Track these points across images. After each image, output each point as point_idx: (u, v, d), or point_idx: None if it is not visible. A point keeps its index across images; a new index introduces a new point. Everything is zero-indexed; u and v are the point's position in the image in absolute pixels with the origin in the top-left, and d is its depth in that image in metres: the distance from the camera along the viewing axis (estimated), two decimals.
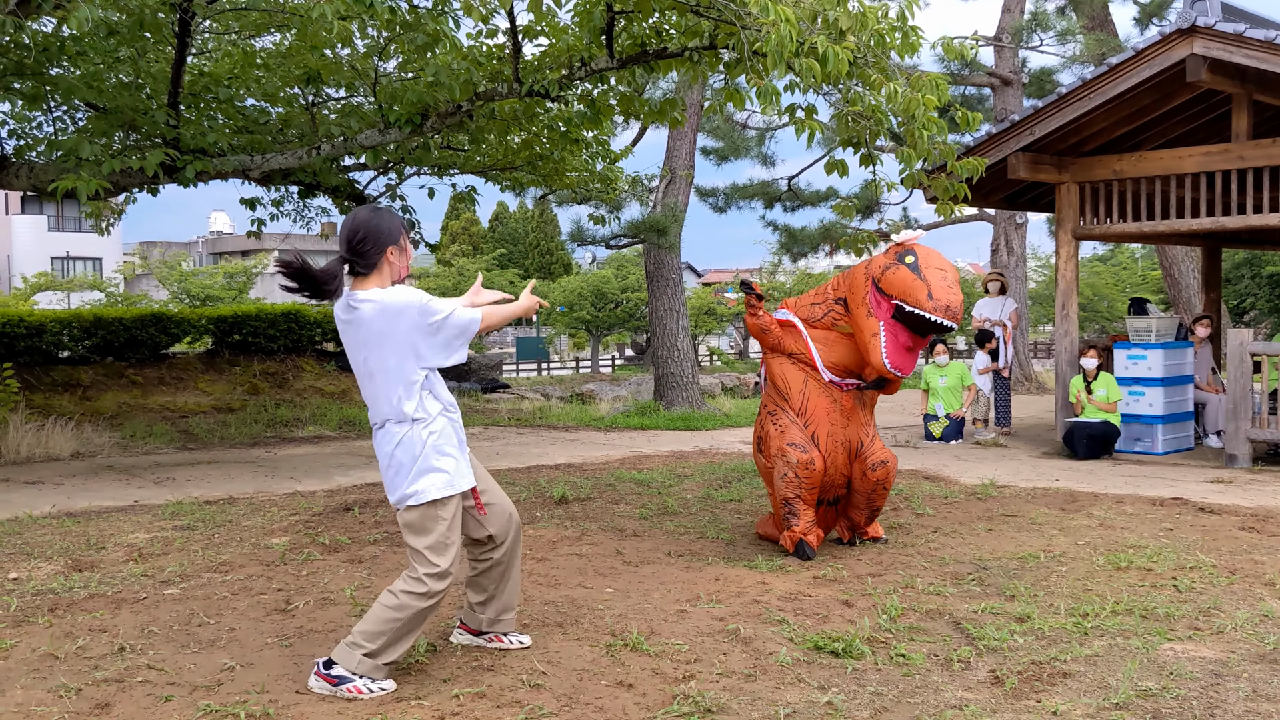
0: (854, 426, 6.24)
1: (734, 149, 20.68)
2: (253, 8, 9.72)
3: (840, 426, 6.20)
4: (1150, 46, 9.56)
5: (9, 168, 9.68)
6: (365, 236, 4.05)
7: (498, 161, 11.50)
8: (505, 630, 4.51)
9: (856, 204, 17.38)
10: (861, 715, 3.80)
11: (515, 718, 3.77)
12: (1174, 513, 7.49)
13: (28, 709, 3.85)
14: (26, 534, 6.77)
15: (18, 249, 50.06)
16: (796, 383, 6.23)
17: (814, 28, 6.52)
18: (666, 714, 3.81)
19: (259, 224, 11.78)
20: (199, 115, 10.25)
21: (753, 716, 3.78)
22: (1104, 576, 5.70)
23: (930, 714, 3.81)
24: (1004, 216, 19.30)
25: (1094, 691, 4.03)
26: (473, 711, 3.82)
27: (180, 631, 4.75)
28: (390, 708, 3.85)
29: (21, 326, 13.80)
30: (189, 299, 28.20)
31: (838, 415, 6.19)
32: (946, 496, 8.13)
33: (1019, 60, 19.44)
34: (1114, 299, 32.50)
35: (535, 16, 8.43)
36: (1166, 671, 4.22)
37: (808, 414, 6.19)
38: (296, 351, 16.29)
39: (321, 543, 6.50)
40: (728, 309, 34.86)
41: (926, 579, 5.65)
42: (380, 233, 4.07)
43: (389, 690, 4.00)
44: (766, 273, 36.77)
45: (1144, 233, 11.07)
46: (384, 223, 4.10)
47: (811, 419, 6.18)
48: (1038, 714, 3.82)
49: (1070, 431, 10.44)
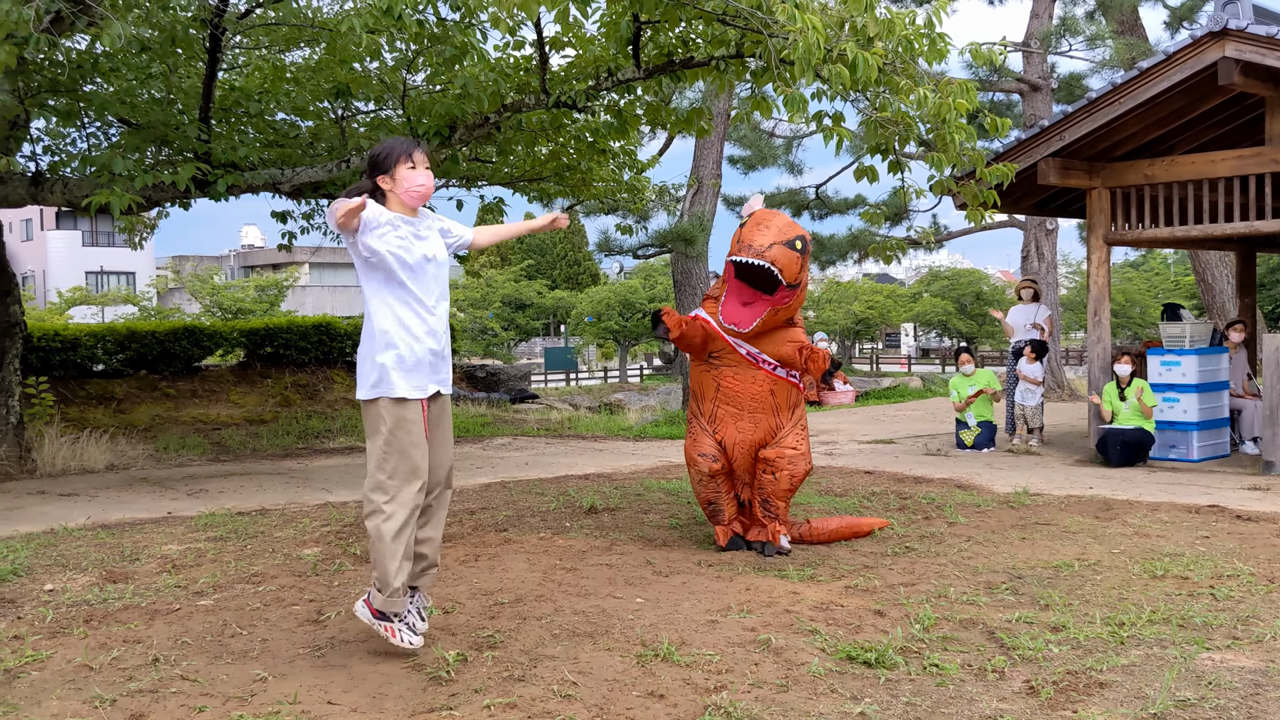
0: (762, 431, 6.47)
1: (761, 157, 20.66)
2: (283, 23, 9.80)
3: (748, 432, 6.46)
4: (1181, 50, 9.48)
5: (44, 183, 9.80)
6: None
7: (525, 172, 11.53)
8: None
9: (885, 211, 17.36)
10: None
11: None
12: (1210, 520, 7.40)
13: (63, 719, 3.88)
14: (62, 546, 6.83)
15: (53, 264, 50.71)
16: (709, 390, 6.55)
17: (841, 34, 6.50)
18: None
19: (290, 237, 11.86)
20: (230, 130, 10.35)
21: None
22: (1140, 585, 5.64)
23: None
24: (1034, 223, 19.17)
25: (1131, 702, 3.98)
26: None
27: (213, 642, 4.77)
28: (422, 718, 3.85)
29: (57, 340, 13.97)
30: (221, 312, 28.46)
31: (745, 420, 6.45)
32: (979, 505, 8.07)
33: (1048, 65, 19.32)
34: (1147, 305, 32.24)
35: (562, 28, 8.45)
36: (1205, 681, 4.16)
37: (716, 420, 6.53)
38: (327, 363, 16.40)
39: (353, 553, 6.52)
40: None
41: (960, 588, 5.60)
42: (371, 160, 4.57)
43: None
44: None
45: (1177, 237, 10.97)
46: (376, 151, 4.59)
47: (719, 424, 6.51)
48: None
49: (1104, 438, 10.34)
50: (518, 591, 5.56)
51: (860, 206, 20.69)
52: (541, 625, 4.96)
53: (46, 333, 14.06)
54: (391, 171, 4.47)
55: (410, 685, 4.20)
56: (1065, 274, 34.00)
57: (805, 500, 8.22)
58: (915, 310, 35.42)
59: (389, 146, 4.52)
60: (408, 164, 4.48)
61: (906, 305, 35.73)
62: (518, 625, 4.96)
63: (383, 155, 4.49)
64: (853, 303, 33.96)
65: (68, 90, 9.58)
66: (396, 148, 4.50)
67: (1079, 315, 31.47)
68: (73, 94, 9.73)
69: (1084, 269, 28.07)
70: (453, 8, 7.91)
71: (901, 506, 8.04)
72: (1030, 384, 11.98)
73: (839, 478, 9.54)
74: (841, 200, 21.16)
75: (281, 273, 35.20)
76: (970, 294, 35.23)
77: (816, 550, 6.56)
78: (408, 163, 4.48)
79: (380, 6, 6.84)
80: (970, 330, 35.20)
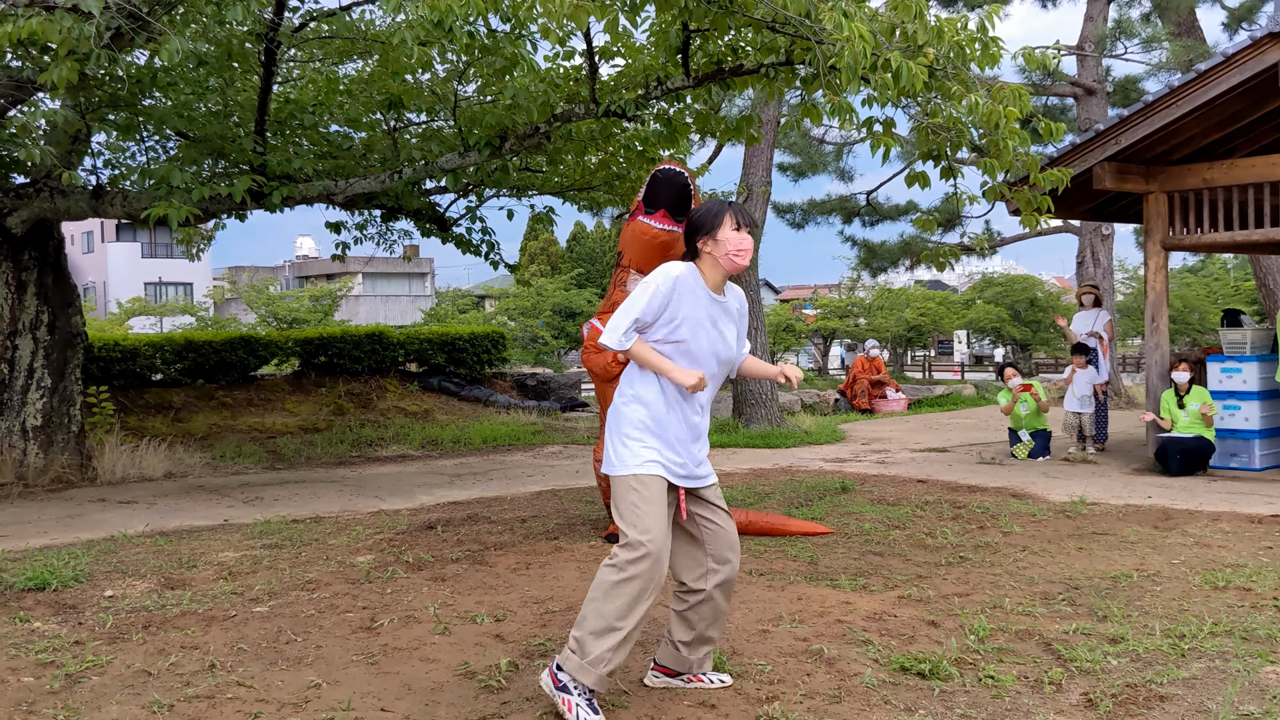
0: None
1: (811, 164, 20.59)
2: (336, 36, 9.93)
3: None
4: (1240, 52, 9.32)
5: (104, 196, 9.99)
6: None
7: (575, 182, 11.58)
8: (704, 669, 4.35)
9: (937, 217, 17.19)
10: None
11: None
12: (1274, 530, 7.24)
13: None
14: (121, 552, 6.95)
15: (113, 275, 51.67)
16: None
17: (891, 42, 6.46)
18: None
19: (343, 247, 12.00)
20: (285, 142, 10.50)
21: None
22: (1201, 596, 5.53)
23: None
24: (1089, 228, 18.91)
25: (1193, 715, 3.90)
26: None
27: (269, 649, 4.83)
28: None
29: (117, 350, 14.23)
30: (276, 322, 28.81)
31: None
32: (1034, 514, 7.96)
33: (1103, 69, 19.07)
34: (1206, 311, 31.63)
35: (611, 37, 8.48)
36: (1269, 695, 4.07)
37: None
38: (380, 372, 16.55)
39: (406, 561, 6.57)
40: (806, 325, 34.60)
41: (1015, 599, 5.53)
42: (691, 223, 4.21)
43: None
44: (845, 288, 36.42)
45: (1236, 242, 10.76)
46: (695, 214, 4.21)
47: None
48: None
49: (1163, 447, 10.16)
50: (569, 600, 5.57)
51: (912, 213, 20.55)
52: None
53: (107, 343, 14.32)
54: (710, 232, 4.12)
55: (462, 693, 4.22)
56: (1121, 279, 33.49)
57: (857, 509, 8.16)
58: (968, 317, 35.02)
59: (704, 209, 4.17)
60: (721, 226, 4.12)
61: (959, 312, 35.33)
62: (569, 633, 4.96)
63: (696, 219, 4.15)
64: (904, 310, 33.64)
65: (127, 105, 9.76)
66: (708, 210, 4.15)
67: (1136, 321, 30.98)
68: (132, 108, 9.91)
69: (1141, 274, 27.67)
70: (503, 19, 7.96)
71: (955, 516, 7.96)
72: (1084, 392, 11.83)
73: (891, 486, 9.46)
74: (893, 207, 21.03)
75: (335, 282, 35.56)
76: (1024, 300, 34.77)
77: (869, 559, 6.51)
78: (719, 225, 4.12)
79: (431, 19, 6.89)
80: (1024, 337, 34.75)
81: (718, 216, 4.10)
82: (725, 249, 4.08)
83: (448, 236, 12.21)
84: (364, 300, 52.30)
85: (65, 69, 7.05)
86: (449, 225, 12.19)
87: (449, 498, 9.26)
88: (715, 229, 4.09)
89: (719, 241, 4.08)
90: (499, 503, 8.88)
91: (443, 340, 17.39)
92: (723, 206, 4.13)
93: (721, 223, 4.09)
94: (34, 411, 10.41)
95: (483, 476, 10.77)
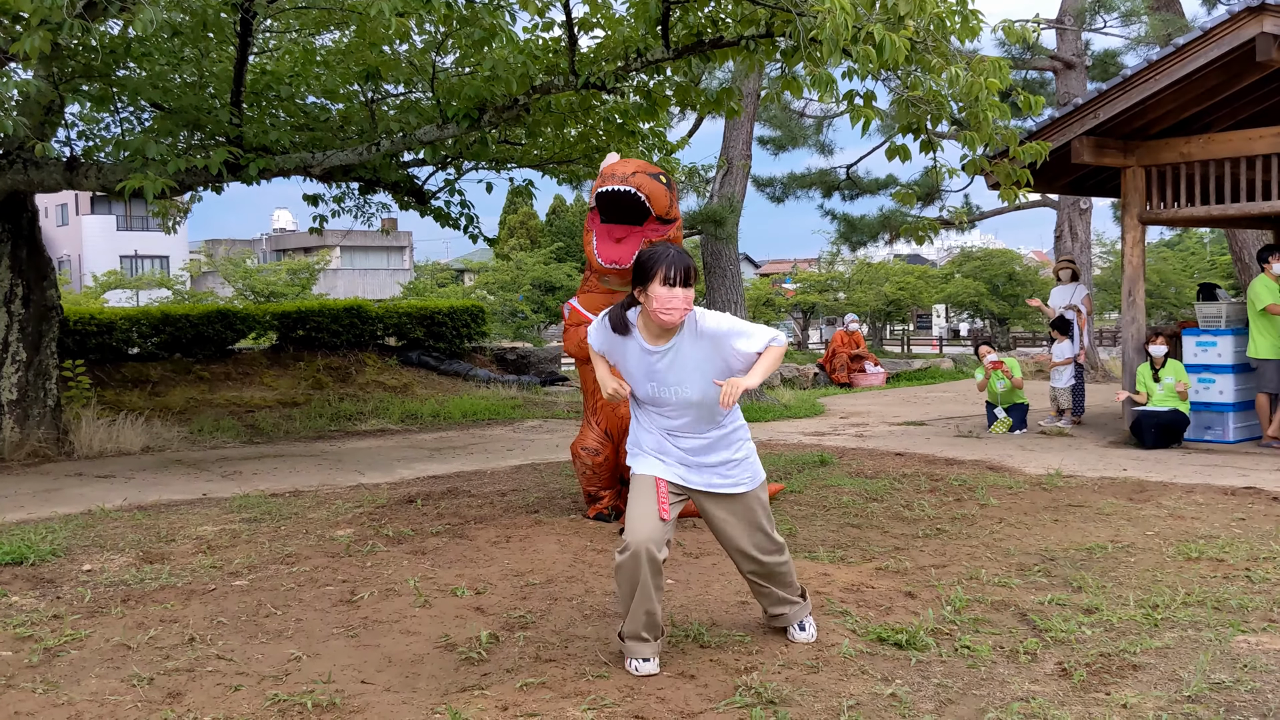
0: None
1: (791, 138, 20.54)
2: (313, 6, 9.82)
3: (628, 416, 6.56)
4: (1218, 26, 9.34)
5: (79, 168, 9.89)
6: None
7: (554, 155, 11.52)
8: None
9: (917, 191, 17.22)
10: (926, 708, 3.77)
11: (578, 707, 3.78)
12: (1246, 502, 7.32)
13: (102, 697, 3.94)
14: (99, 527, 6.92)
15: (88, 248, 51.25)
16: (591, 384, 6.81)
17: (872, 14, 6.45)
18: (729, 705, 3.80)
19: (321, 220, 11.91)
20: (261, 113, 10.39)
21: (815, 708, 3.76)
22: (1174, 567, 5.60)
23: (996, 706, 3.76)
24: (1068, 202, 18.98)
25: (1165, 684, 3.95)
26: (536, 701, 3.84)
27: (248, 622, 4.83)
28: (454, 698, 3.88)
29: (93, 324, 14.12)
30: (253, 295, 28.62)
31: (623, 405, 6.55)
32: (1011, 487, 8.03)
33: (1082, 43, 19.09)
34: (1182, 285, 31.85)
35: (591, 9, 8.42)
36: (1240, 664, 4.13)
37: (598, 411, 6.89)
38: (359, 346, 16.49)
39: (385, 534, 6.57)
40: (786, 300, 34.64)
41: (991, 570, 5.58)
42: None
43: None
44: (825, 262, 36.45)
45: (1213, 216, 10.83)
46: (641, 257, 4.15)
47: (602, 414, 6.87)
48: (1107, 707, 3.75)
49: (1138, 420, 10.25)
50: (549, 573, 5.58)
51: (892, 187, 20.54)
52: (572, 606, 4.98)
53: (82, 316, 14.21)
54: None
55: (443, 665, 4.24)
56: (1099, 254, 33.61)
57: (836, 482, 8.20)
58: (947, 291, 35.15)
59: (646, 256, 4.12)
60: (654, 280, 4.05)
61: (938, 286, 35.45)
62: (549, 606, 4.99)
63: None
64: (884, 284, 33.73)
65: (101, 75, 9.64)
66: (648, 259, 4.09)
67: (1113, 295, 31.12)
68: (106, 79, 9.79)
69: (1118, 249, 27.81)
70: None
71: (933, 488, 8.01)
72: (1059, 364, 11.94)
73: (870, 460, 9.51)
74: (873, 180, 21.02)
75: (313, 256, 35.36)
76: (1003, 275, 34.93)
77: (847, 532, 6.55)
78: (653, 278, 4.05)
79: None
80: (1003, 311, 34.91)
81: (652, 270, 4.02)
82: (653, 305, 4.04)
83: (426, 210, 12.14)
84: (342, 274, 52.01)
85: (38, 39, 6.96)
86: (427, 198, 12.11)
87: (429, 472, 9.25)
88: (648, 283, 4.04)
89: (649, 296, 4.05)
90: (479, 476, 8.89)
91: (422, 314, 17.33)
92: (658, 260, 4.03)
93: (654, 277, 4.01)
94: (9, 386, 10.33)
95: (462, 451, 10.76)
